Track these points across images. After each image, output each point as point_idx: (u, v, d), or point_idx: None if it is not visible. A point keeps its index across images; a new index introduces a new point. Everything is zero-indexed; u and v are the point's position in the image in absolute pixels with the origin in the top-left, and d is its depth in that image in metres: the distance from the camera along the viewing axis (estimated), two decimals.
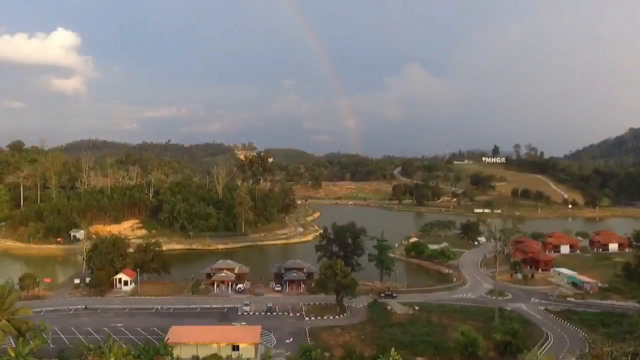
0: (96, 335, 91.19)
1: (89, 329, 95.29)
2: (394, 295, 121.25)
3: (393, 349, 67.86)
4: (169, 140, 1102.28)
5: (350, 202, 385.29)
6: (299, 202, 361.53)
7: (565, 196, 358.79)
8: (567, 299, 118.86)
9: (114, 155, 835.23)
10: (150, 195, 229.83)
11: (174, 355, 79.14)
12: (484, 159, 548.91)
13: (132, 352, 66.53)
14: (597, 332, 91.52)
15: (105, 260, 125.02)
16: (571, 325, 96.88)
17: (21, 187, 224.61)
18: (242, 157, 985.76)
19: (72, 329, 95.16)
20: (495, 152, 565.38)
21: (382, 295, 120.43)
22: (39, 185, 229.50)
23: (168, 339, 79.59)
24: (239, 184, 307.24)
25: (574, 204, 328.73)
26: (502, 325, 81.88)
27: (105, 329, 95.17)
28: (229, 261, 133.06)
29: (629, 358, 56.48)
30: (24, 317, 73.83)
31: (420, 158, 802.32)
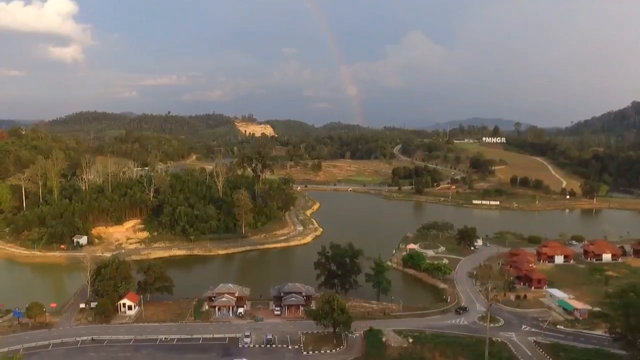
0: None
1: None
2: (467, 309, 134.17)
3: None
4: (169, 112, 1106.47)
5: (350, 189, 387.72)
6: (298, 188, 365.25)
7: (564, 184, 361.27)
8: (557, 326, 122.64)
9: (114, 130, 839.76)
10: (151, 194, 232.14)
11: None
12: (484, 138, 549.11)
13: None
14: None
15: (109, 285, 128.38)
16: None
17: (23, 189, 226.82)
18: (243, 130, 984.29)
19: None
20: (496, 131, 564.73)
21: (460, 310, 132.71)
22: (40, 185, 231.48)
23: None
24: (240, 172, 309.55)
25: (572, 194, 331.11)
26: None
27: None
28: (230, 285, 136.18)
29: None
30: None
31: (421, 131, 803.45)
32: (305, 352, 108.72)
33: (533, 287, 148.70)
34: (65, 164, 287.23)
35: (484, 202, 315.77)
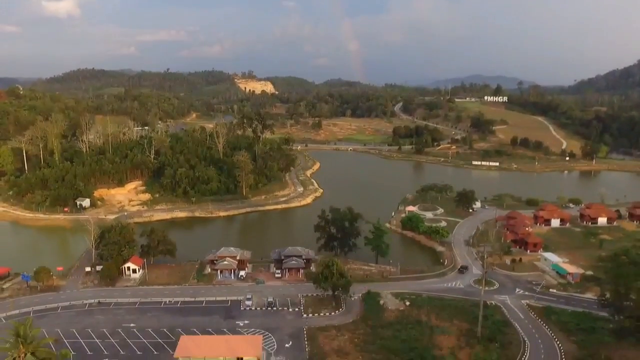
0: (112, 339, 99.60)
1: (105, 330, 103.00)
2: (468, 267, 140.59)
3: None
4: (168, 69, 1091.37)
5: (350, 148, 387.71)
6: (298, 147, 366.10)
7: (564, 145, 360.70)
8: (550, 290, 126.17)
9: (112, 87, 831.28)
10: (152, 156, 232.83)
11: None
12: (485, 97, 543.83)
13: None
14: (571, 339, 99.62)
15: (113, 250, 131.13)
16: (549, 329, 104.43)
17: (24, 152, 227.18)
18: (243, 87, 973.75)
19: (89, 331, 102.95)
20: (498, 90, 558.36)
21: (463, 270, 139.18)
22: (40, 147, 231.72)
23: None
24: (240, 132, 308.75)
25: (572, 155, 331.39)
26: (480, 354, 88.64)
27: (119, 330, 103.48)
28: (232, 248, 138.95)
29: None
30: (47, 345, 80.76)
31: (422, 89, 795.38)
32: (305, 315, 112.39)
33: (529, 251, 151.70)
34: (65, 125, 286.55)
35: (483, 163, 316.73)
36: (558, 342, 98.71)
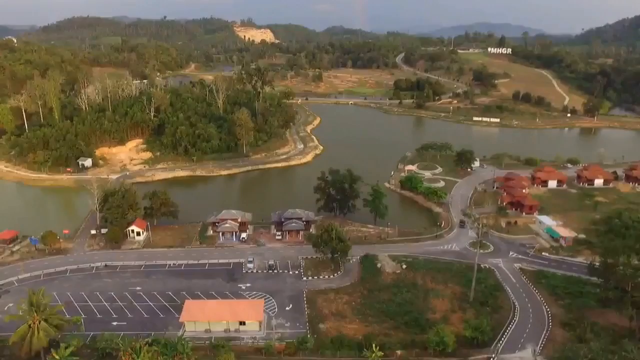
0: (120, 303, 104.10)
1: (113, 294, 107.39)
2: (465, 222, 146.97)
3: (374, 345, 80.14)
4: (165, 17, 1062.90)
5: (351, 102, 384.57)
6: (299, 100, 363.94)
7: (566, 101, 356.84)
8: (543, 253, 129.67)
9: (109, 37, 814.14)
10: (152, 114, 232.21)
11: (189, 328, 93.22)
12: (489, 49, 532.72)
13: (155, 348, 77.70)
14: (559, 302, 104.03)
15: (117, 213, 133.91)
16: (538, 293, 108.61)
17: (23, 110, 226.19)
18: (242, 36, 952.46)
19: (98, 294, 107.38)
20: (502, 41, 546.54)
21: (462, 224, 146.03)
22: (39, 104, 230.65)
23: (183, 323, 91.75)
24: (240, 87, 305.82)
25: (573, 111, 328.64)
26: (472, 320, 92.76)
27: (127, 293, 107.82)
28: (233, 211, 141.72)
29: None
30: (60, 312, 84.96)
31: (425, 38, 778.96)
32: (305, 278, 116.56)
33: (524, 213, 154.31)
34: (63, 79, 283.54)
35: (484, 119, 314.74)
36: (546, 306, 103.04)
